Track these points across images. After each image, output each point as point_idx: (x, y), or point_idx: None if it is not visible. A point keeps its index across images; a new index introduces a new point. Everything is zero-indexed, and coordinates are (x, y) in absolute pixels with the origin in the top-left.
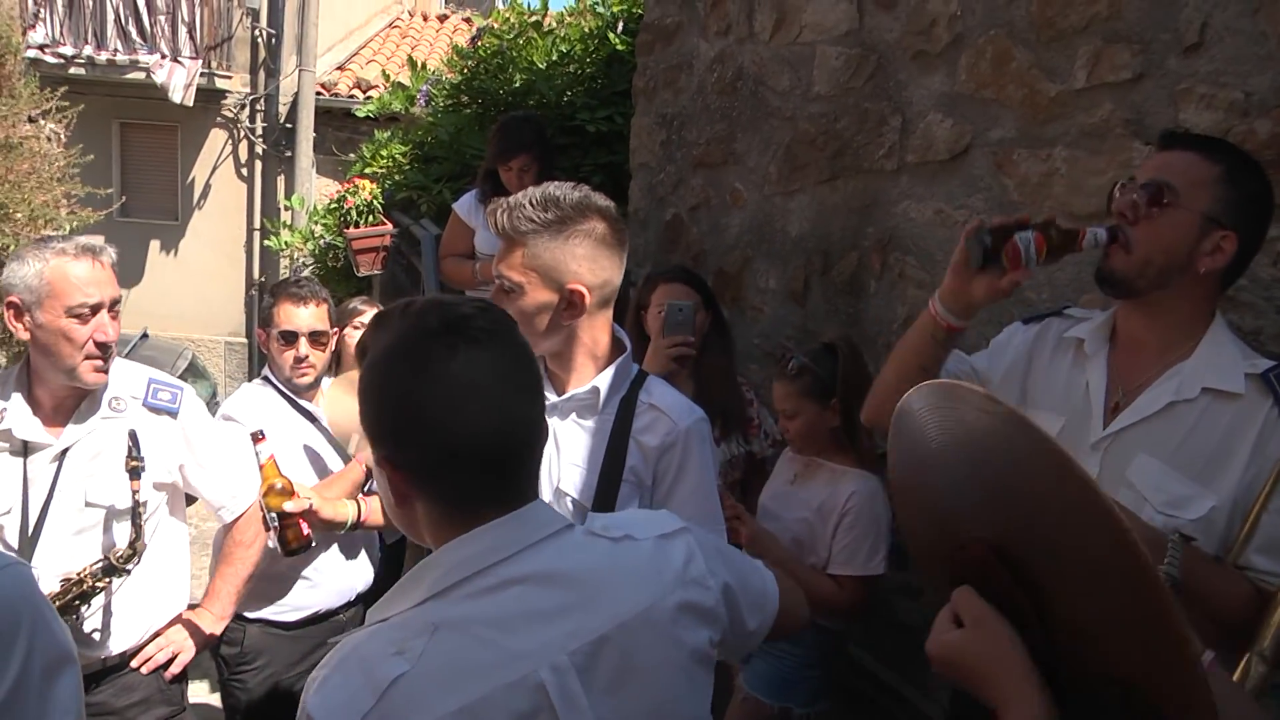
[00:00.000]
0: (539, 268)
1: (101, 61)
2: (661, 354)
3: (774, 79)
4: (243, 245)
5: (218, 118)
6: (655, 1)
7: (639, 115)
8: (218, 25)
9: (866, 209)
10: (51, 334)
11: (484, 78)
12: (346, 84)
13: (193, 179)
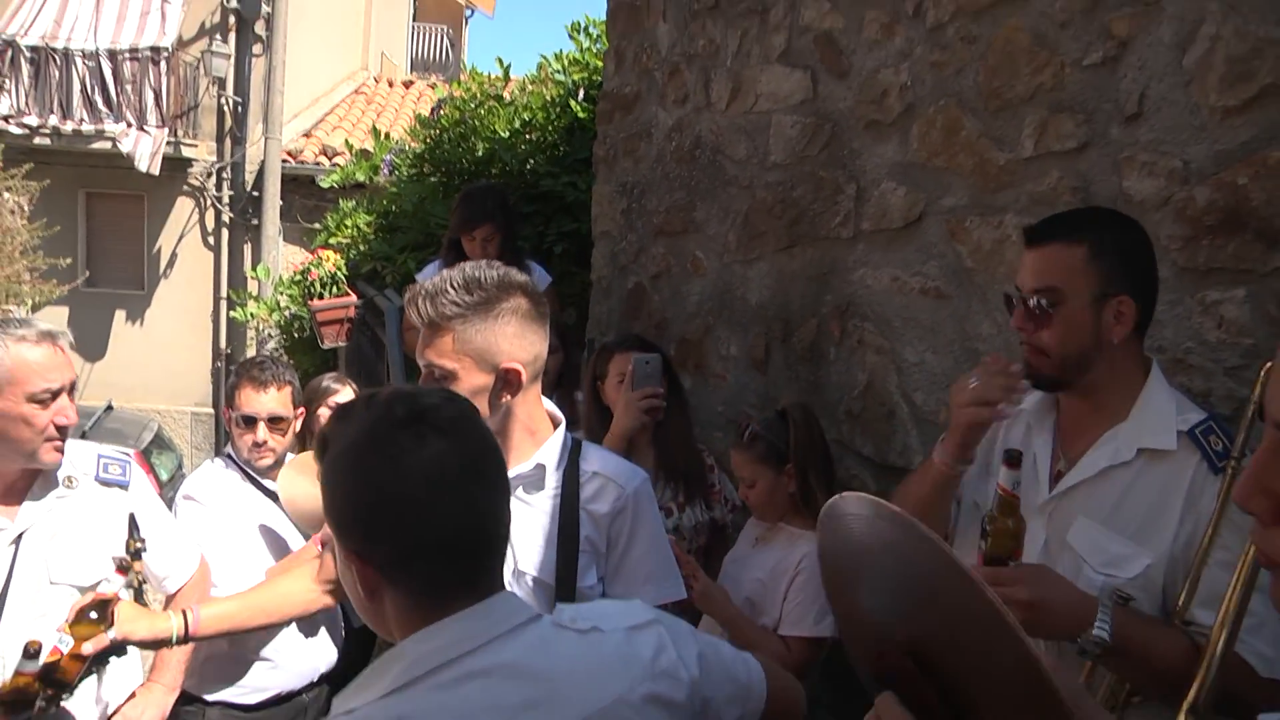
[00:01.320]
0: (471, 351)
1: (67, 131)
2: (633, 407)
3: (731, 148)
4: (209, 315)
5: (184, 186)
6: (614, 71)
7: (600, 183)
8: (184, 93)
9: (824, 276)
10: (11, 420)
11: (447, 147)
12: (313, 151)
13: (159, 248)
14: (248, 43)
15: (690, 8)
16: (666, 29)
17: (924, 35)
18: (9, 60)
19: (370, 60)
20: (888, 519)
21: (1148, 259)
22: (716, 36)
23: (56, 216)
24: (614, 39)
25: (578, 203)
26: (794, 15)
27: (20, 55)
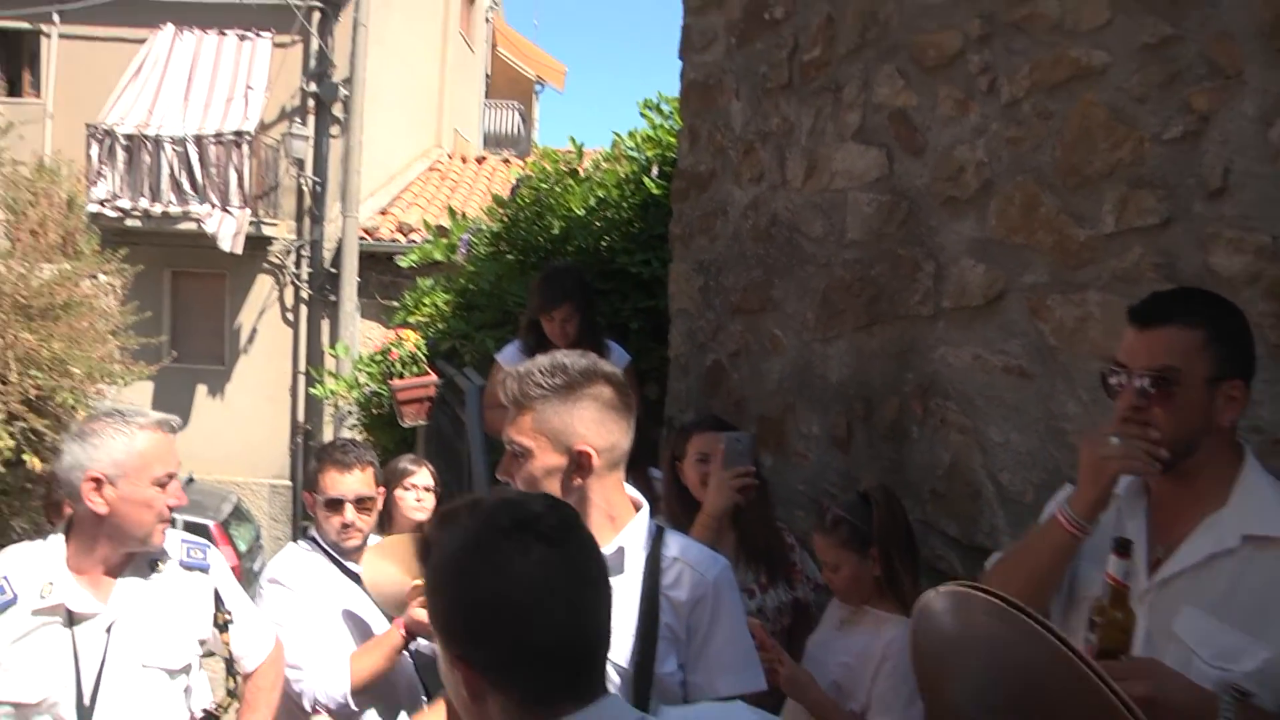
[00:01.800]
0: (547, 431)
1: (156, 213)
2: (725, 487)
3: (808, 225)
4: (287, 389)
5: (264, 264)
6: (688, 149)
7: (676, 261)
8: (265, 175)
9: (905, 354)
10: (135, 505)
11: (523, 225)
12: (389, 228)
13: (239, 324)
14: (326, 125)
15: (763, 86)
16: (740, 107)
17: (999, 111)
18: (106, 148)
19: (444, 137)
20: (990, 612)
21: (1251, 342)
22: (790, 115)
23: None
24: (687, 117)
25: (653, 279)
26: (867, 93)
27: (116, 143)
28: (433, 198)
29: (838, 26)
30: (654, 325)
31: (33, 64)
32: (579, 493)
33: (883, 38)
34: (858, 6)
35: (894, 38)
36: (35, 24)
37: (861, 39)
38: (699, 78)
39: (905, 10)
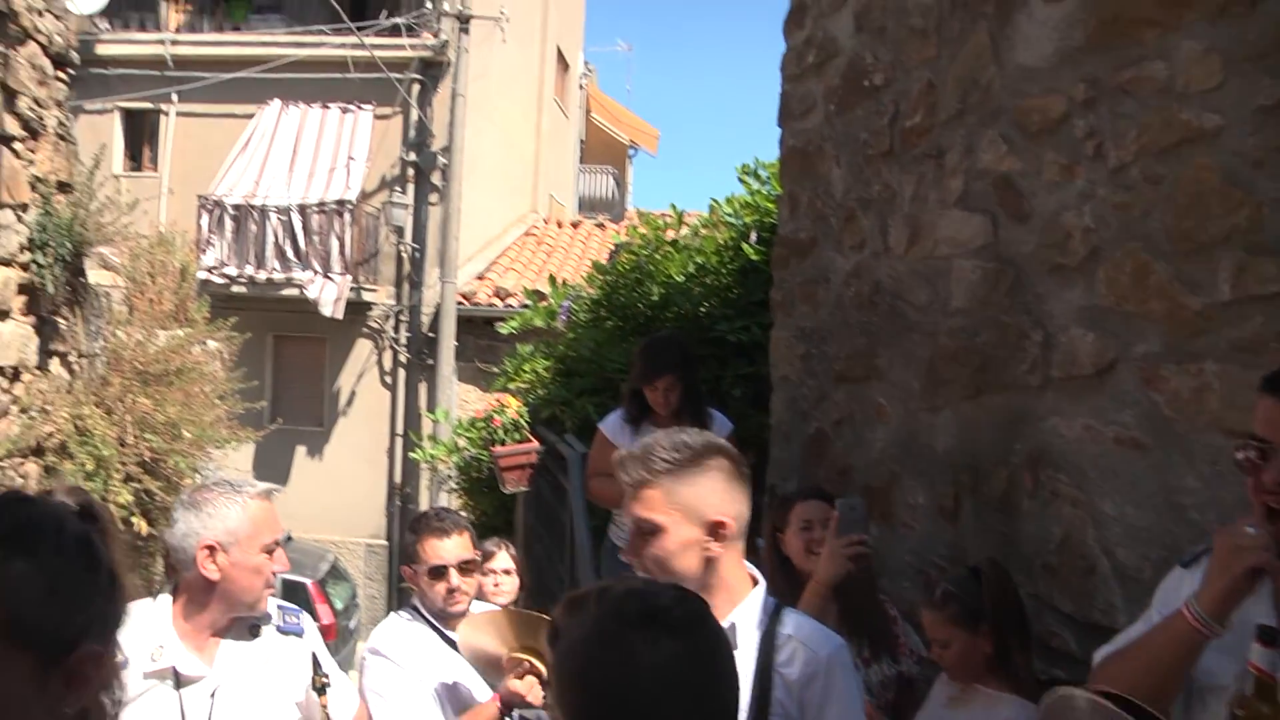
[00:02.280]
0: (680, 505)
1: (261, 280)
2: (838, 555)
3: (911, 293)
4: (385, 451)
5: (364, 329)
6: (788, 216)
7: (778, 329)
8: (366, 242)
9: (1013, 425)
10: (246, 571)
11: (623, 292)
12: (486, 293)
13: (339, 387)
14: (425, 192)
15: (864, 153)
16: (840, 174)
17: (1106, 176)
18: (216, 218)
19: (539, 203)
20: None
21: None
22: (892, 181)
23: (247, 358)
24: (787, 184)
25: (753, 345)
26: (970, 159)
27: (225, 213)
28: (529, 263)
29: (938, 92)
30: (754, 392)
31: (152, 140)
32: (711, 565)
33: (984, 103)
34: (958, 72)
35: (996, 103)
36: (156, 104)
37: (963, 104)
38: (799, 145)
39: (1007, 75)
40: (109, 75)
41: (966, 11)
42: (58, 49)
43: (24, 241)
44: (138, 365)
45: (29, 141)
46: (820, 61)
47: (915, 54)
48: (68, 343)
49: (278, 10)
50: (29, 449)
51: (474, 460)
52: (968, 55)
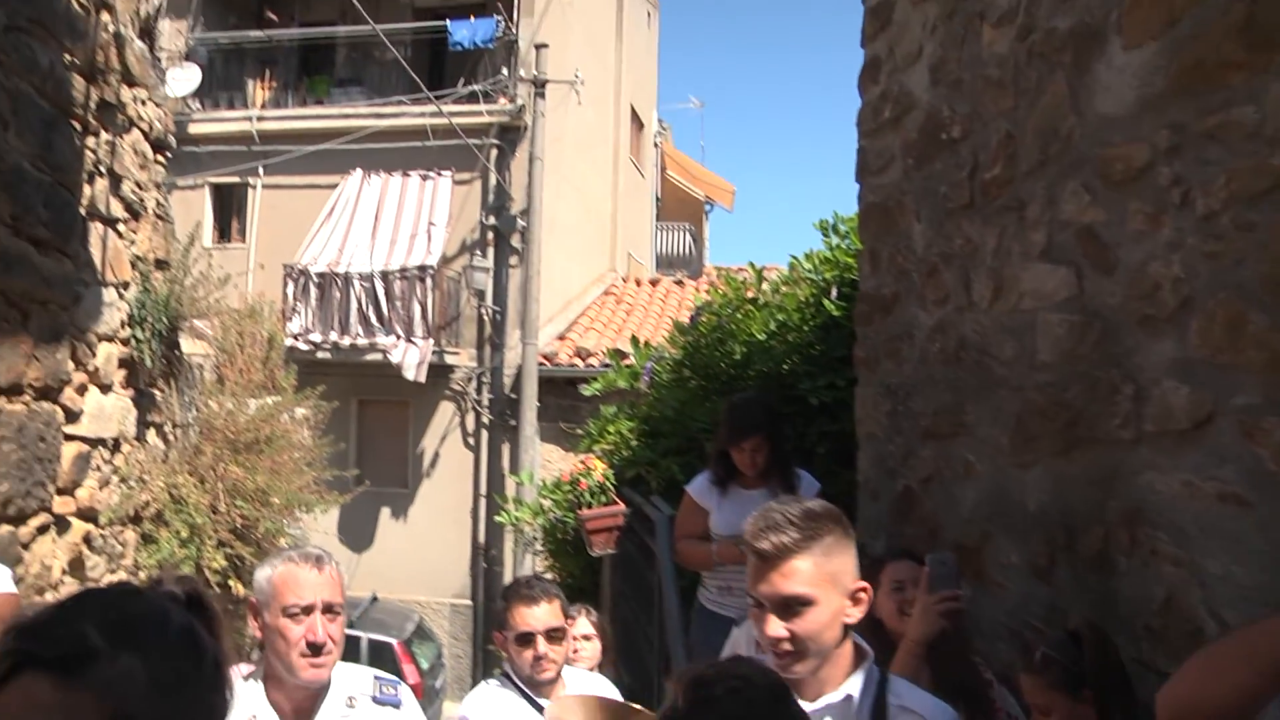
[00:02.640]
0: (828, 575)
1: (345, 346)
2: (931, 612)
3: (997, 348)
4: (468, 511)
5: (446, 391)
6: (870, 272)
7: (862, 385)
8: (447, 306)
9: (1107, 481)
10: (272, 632)
11: (705, 351)
12: (567, 353)
13: (422, 449)
14: (505, 255)
15: (944, 207)
16: (921, 229)
17: (1194, 225)
18: (301, 286)
19: (618, 261)
20: None
21: None
22: (974, 235)
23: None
24: (867, 240)
25: (836, 402)
26: (1052, 211)
27: (310, 281)
28: (609, 321)
29: (1018, 144)
30: (839, 449)
31: (240, 212)
32: (844, 634)
33: (1065, 153)
34: (1037, 123)
35: (1077, 153)
36: (244, 178)
37: (1043, 155)
38: (878, 200)
39: (1087, 124)
40: (200, 152)
41: (1043, 61)
42: (158, 134)
43: (124, 318)
44: (229, 434)
45: (131, 222)
46: (897, 116)
47: (993, 105)
48: (163, 414)
49: (358, 83)
50: (128, 517)
51: (559, 522)
52: (1046, 105)
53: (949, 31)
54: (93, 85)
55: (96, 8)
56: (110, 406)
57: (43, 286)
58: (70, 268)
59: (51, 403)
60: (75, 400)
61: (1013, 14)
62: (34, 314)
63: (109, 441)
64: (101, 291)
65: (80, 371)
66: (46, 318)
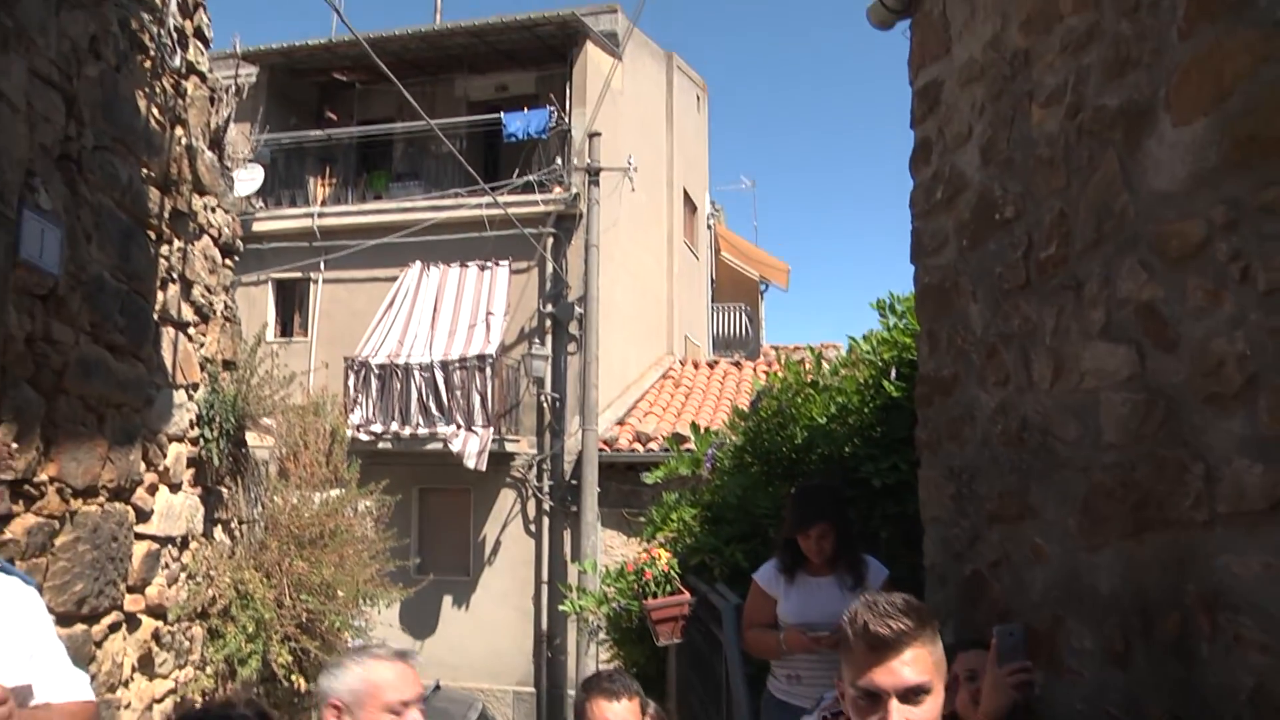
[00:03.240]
0: (938, 663)
1: (405, 435)
2: (1002, 684)
3: (1060, 428)
4: (530, 598)
5: (507, 478)
6: (928, 354)
7: (925, 468)
8: (507, 394)
9: (1182, 564)
10: None
11: (766, 437)
12: (627, 438)
13: (484, 536)
14: (563, 342)
15: (1001, 287)
16: (978, 309)
17: (1256, 300)
18: (362, 378)
19: (675, 344)
20: None
21: None
22: (1031, 314)
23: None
24: (925, 321)
25: (900, 484)
26: (1110, 288)
27: (370, 373)
28: (668, 405)
29: (1071, 222)
30: (903, 534)
31: (301, 307)
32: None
33: (1120, 230)
34: (1090, 201)
35: (1132, 229)
36: (306, 273)
37: (1098, 233)
38: (933, 281)
39: (1141, 201)
40: (263, 249)
41: (1094, 139)
42: (226, 240)
43: (193, 418)
44: (294, 529)
45: (200, 325)
46: (949, 196)
47: (1045, 184)
48: (230, 510)
49: (416, 177)
50: (195, 613)
51: (624, 610)
52: (1098, 183)
53: (997, 112)
54: (166, 196)
55: (171, 123)
56: (179, 505)
57: (118, 391)
58: (143, 371)
59: (124, 503)
60: (146, 499)
61: (1060, 93)
62: (109, 417)
63: (177, 539)
64: (172, 394)
65: (151, 471)
66: (121, 420)
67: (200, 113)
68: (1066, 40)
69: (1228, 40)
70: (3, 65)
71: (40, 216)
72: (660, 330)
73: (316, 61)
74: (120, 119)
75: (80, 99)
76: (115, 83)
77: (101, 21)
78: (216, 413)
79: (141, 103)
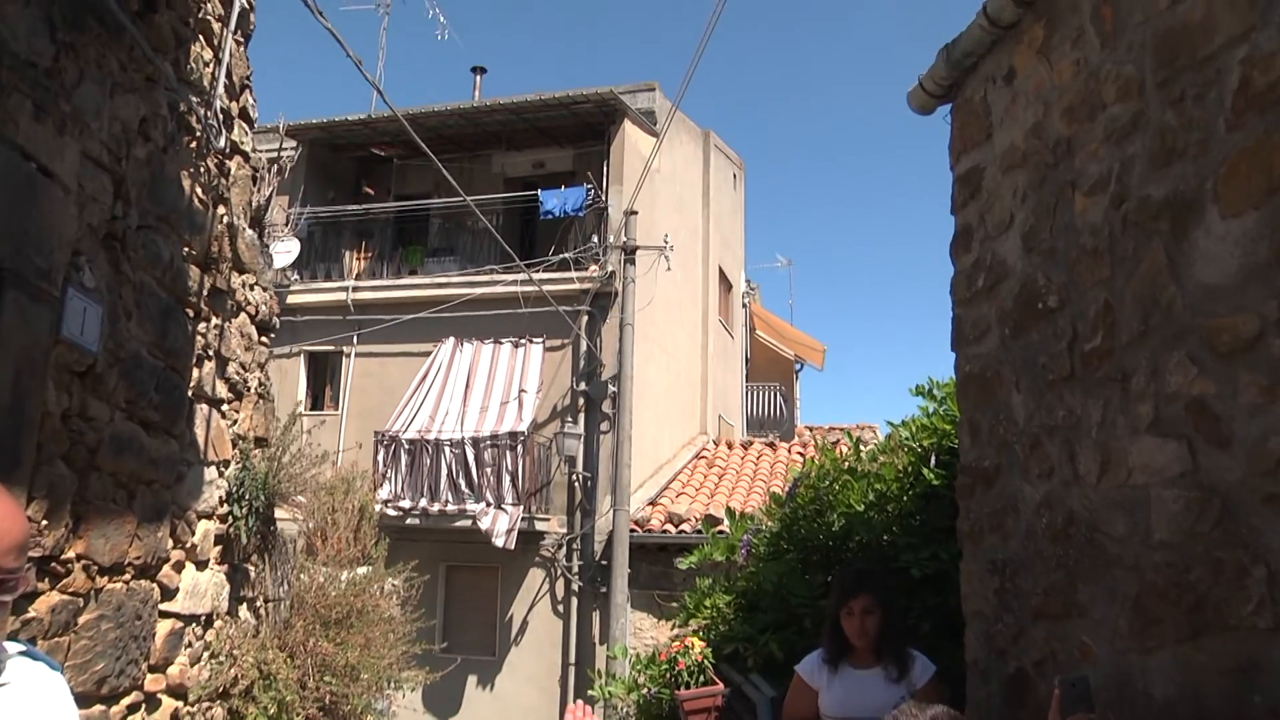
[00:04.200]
0: None
1: (434, 512)
2: None
3: (1109, 525)
4: (557, 680)
5: (536, 558)
6: (970, 444)
7: (967, 560)
8: (538, 472)
9: (1245, 672)
10: None
11: (803, 524)
12: (659, 519)
13: (511, 616)
14: (596, 421)
15: (1044, 378)
16: (1021, 399)
17: None
18: (391, 452)
19: (708, 424)
20: None
21: None
22: (1076, 407)
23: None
24: (966, 410)
25: (941, 574)
26: (1158, 382)
27: (400, 448)
28: (701, 486)
29: (1117, 313)
30: (944, 625)
31: (333, 380)
32: None
33: (1167, 323)
34: (1136, 292)
35: (1180, 322)
36: (338, 346)
37: (1145, 325)
38: (975, 370)
39: (1189, 294)
40: (296, 321)
41: (1139, 230)
42: (263, 317)
43: (223, 495)
44: (319, 609)
45: (234, 403)
46: (991, 284)
47: (1089, 274)
48: (256, 589)
49: (451, 252)
50: (216, 693)
51: (654, 698)
52: (1144, 274)
53: (1040, 200)
54: (206, 274)
55: (214, 202)
56: (205, 583)
57: (150, 467)
58: (175, 448)
59: (150, 580)
60: (172, 577)
61: (1105, 182)
62: (139, 494)
63: (202, 617)
64: (203, 470)
65: (178, 549)
66: (151, 497)
67: (243, 191)
68: (1110, 129)
69: (1277, 133)
70: (58, 149)
71: (83, 295)
72: (694, 409)
73: (355, 137)
74: (165, 199)
75: (128, 179)
76: (162, 163)
77: (151, 104)
78: (247, 490)
79: (186, 182)
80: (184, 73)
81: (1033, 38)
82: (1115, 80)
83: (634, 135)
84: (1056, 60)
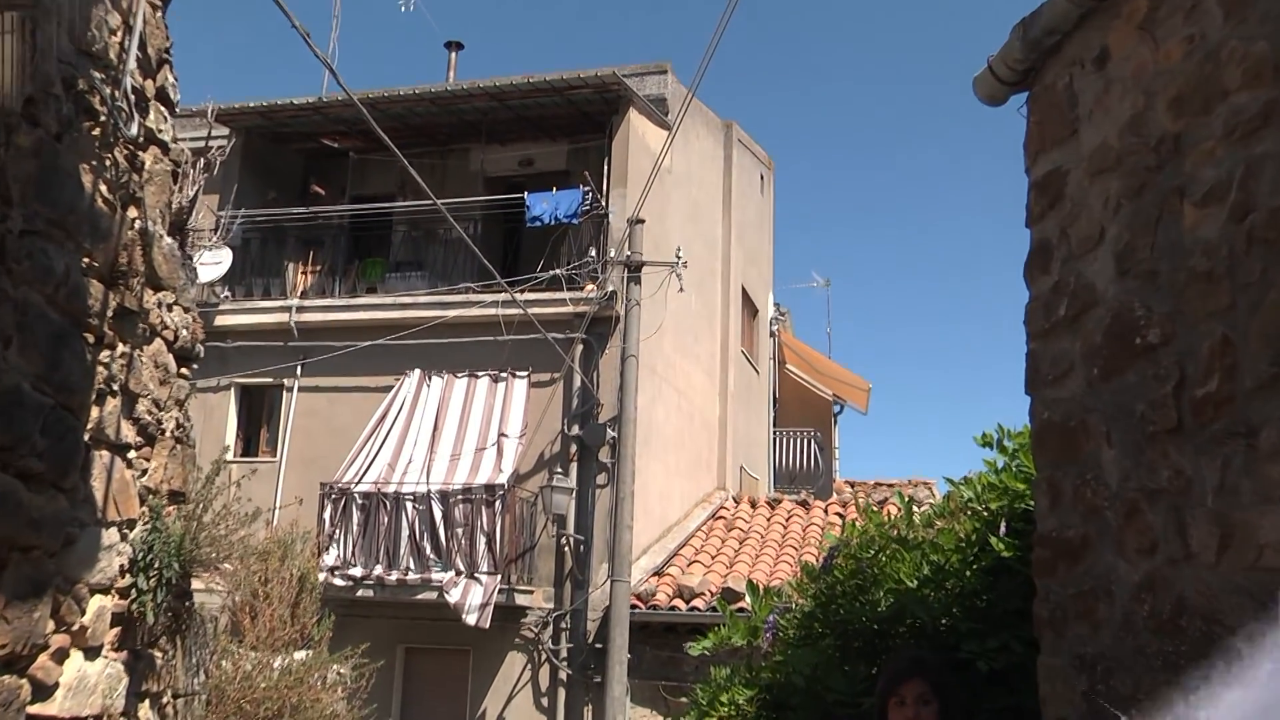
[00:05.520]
0: None
1: (391, 581)
2: None
3: (1231, 615)
4: None
5: (515, 639)
6: (1049, 508)
7: (1047, 654)
8: (520, 534)
9: None
10: None
11: (842, 602)
12: (666, 593)
13: (483, 710)
14: (591, 473)
15: (1143, 430)
16: (1114, 456)
17: None
18: (340, 508)
19: (727, 478)
20: None
21: None
22: (1185, 467)
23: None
24: (1044, 467)
25: (1011, 668)
26: None
27: (352, 504)
28: (717, 553)
29: (1239, 352)
30: None
31: (270, 419)
32: None
33: None
34: (1263, 327)
35: None
36: (278, 378)
37: (1275, 367)
38: (1055, 418)
39: None
40: (226, 348)
41: (1268, 249)
42: (183, 344)
43: (125, 563)
44: (244, 705)
45: (143, 449)
46: (1075, 314)
47: (1201, 304)
48: (163, 681)
49: (418, 267)
50: None
51: None
52: (1274, 304)
53: (1138, 211)
54: (111, 290)
55: (123, 203)
56: (95, 675)
57: (27, 530)
58: (64, 505)
59: (18, 675)
60: (50, 670)
61: (1223, 190)
62: (12, 564)
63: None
64: (100, 533)
65: (61, 633)
66: (28, 567)
67: (160, 190)
68: (1232, 123)
69: None
70: None
71: None
72: (710, 460)
73: (302, 125)
74: (59, 198)
75: (8, 172)
76: (55, 154)
77: (41, 80)
78: (156, 556)
79: (87, 178)
80: (83, 41)
81: (1133, 9)
82: (1241, 61)
83: (641, 127)
84: (1164, 37)
